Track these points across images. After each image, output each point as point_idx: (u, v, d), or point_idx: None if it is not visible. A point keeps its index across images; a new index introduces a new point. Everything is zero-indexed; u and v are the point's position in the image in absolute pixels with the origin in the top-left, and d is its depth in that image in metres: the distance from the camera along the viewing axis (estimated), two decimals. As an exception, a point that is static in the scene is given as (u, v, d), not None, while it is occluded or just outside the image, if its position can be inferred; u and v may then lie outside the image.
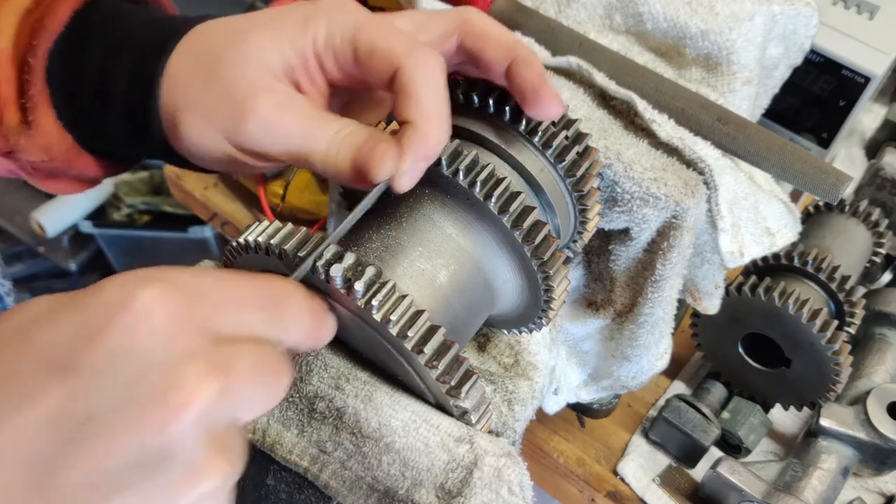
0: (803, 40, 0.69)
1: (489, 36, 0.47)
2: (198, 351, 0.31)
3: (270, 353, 0.34)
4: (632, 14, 0.65)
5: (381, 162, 0.41)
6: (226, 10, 0.50)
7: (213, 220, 1.08)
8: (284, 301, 0.37)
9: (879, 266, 0.89)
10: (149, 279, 0.32)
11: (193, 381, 0.30)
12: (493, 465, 0.43)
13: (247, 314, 0.35)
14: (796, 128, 0.92)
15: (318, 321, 0.39)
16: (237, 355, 0.33)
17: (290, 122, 0.44)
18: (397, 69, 0.42)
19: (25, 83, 0.47)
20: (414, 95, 0.42)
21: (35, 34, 0.47)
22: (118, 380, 0.30)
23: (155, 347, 0.30)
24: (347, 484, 0.44)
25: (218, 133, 0.44)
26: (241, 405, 0.32)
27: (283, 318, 0.36)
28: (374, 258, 0.45)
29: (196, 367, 0.31)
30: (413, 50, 0.42)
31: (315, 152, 0.43)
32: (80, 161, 0.50)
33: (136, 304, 0.31)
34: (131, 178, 1.82)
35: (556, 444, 0.82)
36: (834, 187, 0.56)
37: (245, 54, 0.44)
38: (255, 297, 0.35)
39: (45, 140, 0.48)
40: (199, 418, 0.30)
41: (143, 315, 0.31)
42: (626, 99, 0.59)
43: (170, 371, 0.30)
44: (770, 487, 0.73)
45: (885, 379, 0.80)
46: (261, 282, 0.36)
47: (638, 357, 0.66)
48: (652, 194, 0.56)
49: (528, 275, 0.48)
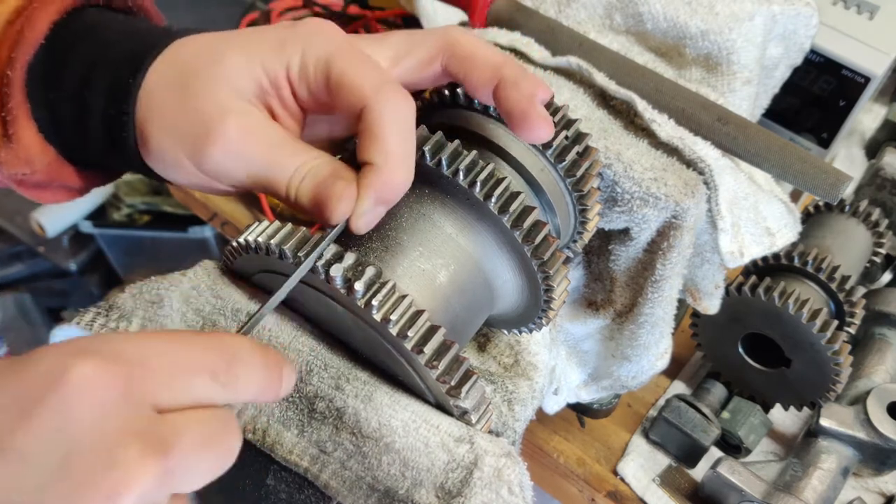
0: (803, 40, 0.69)
1: (474, 58, 0.45)
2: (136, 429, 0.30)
3: (218, 419, 0.33)
4: (632, 14, 0.65)
5: (339, 202, 0.40)
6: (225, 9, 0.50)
7: (213, 220, 1.08)
8: (235, 361, 0.34)
9: (879, 266, 0.89)
10: (86, 351, 0.30)
11: (129, 464, 0.29)
12: (493, 465, 0.43)
13: (194, 381, 0.33)
14: (796, 128, 0.92)
15: (273, 375, 0.36)
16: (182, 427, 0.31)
17: (255, 148, 0.42)
18: (364, 108, 0.41)
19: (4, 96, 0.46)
20: (378, 136, 0.40)
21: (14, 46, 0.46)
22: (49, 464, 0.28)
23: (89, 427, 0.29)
24: (347, 484, 0.44)
25: (181, 152, 0.43)
26: (184, 480, 0.31)
27: (233, 381, 0.34)
28: (374, 258, 0.45)
29: (133, 447, 0.29)
30: (382, 88, 0.41)
31: (278, 181, 0.42)
32: (62, 173, 0.50)
33: (70, 381, 0.29)
34: (131, 178, 1.81)
35: (556, 444, 0.82)
36: (834, 187, 0.56)
37: (218, 75, 0.43)
38: (203, 361, 0.33)
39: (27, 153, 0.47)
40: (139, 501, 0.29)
41: (77, 391, 0.29)
42: (626, 99, 0.59)
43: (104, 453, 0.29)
44: (770, 487, 0.73)
45: (885, 379, 0.80)
46: (210, 342, 0.34)
47: (638, 357, 0.66)
48: (652, 194, 0.56)
49: (528, 275, 0.48)
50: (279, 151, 0.43)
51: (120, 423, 0.29)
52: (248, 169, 0.43)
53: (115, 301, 0.47)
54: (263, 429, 0.45)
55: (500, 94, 0.45)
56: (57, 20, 0.47)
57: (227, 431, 0.33)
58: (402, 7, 1.04)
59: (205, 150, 0.43)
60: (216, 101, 0.43)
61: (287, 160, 0.43)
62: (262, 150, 0.43)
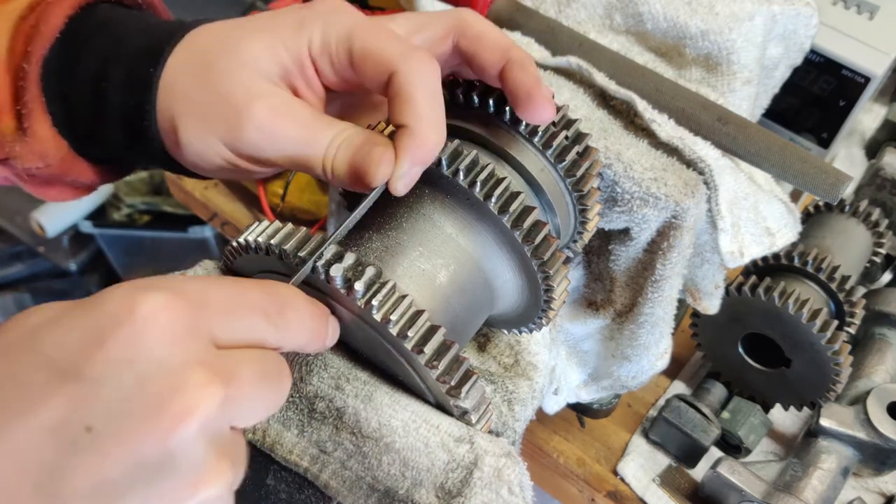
0: (803, 40, 0.69)
1: (484, 38, 0.47)
2: (200, 359, 0.31)
3: (273, 359, 0.35)
4: (632, 14, 0.65)
5: (378, 166, 0.41)
6: (225, 9, 0.50)
7: (213, 220, 1.08)
8: (286, 306, 0.37)
9: (879, 266, 0.89)
10: (152, 287, 0.32)
11: (195, 390, 0.30)
12: (493, 465, 0.43)
13: (250, 320, 0.35)
14: (796, 128, 0.92)
15: (320, 325, 0.39)
16: (240, 362, 0.33)
17: (288, 127, 0.43)
18: (392, 73, 0.42)
19: (20, 90, 0.46)
20: (409, 100, 0.42)
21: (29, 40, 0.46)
22: (121, 388, 0.30)
23: (158, 356, 0.31)
24: (347, 484, 0.44)
25: (216, 140, 0.44)
26: (243, 412, 0.33)
27: (285, 324, 0.36)
28: (374, 258, 0.45)
29: (198, 375, 0.31)
30: (408, 54, 0.42)
31: (314, 157, 0.43)
32: (76, 168, 0.50)
33: (140, 313, 0.31)
34: (131, 178, 1.82)
35: (556, 444, 0.82)
36: (834, 187, 0.56)
37: (240, 60, 0.44)
38: (257, 303, 0.35)
39: (41, 147, 0.48)
40: (202, 427, 0.30)
41: (147, 324, 0.31)
42: (626, 99, 0.59)
43: (172, 380, 0.30)
44: (770, 487, 0.73)
45: (885, 379, 0.80)
46: (263, 287, 0.36)
47: (638, 357, 0.66)
48: (652, 194, 0.56)
49: (528, 275, 0.48)
50: (311, 128, 0.44)
51: (186, 354, 0.31)
52: (283, 148, 0.44)
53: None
54: (263, 429, 0.45)
55: (508, 74, 0.46)
56: (71, 14, 0.47)
57: (280, 370, 0.35)
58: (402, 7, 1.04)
59: (239, 134, 0.43)
60: (242, 85, 0.44)
61: (319, 135, 0.43)
62: (295, 129, 0.43)
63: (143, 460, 0.29)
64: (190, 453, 0.30)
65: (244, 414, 0.33)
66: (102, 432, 0.29)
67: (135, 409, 0.30)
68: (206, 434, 0.31)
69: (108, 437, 0.29)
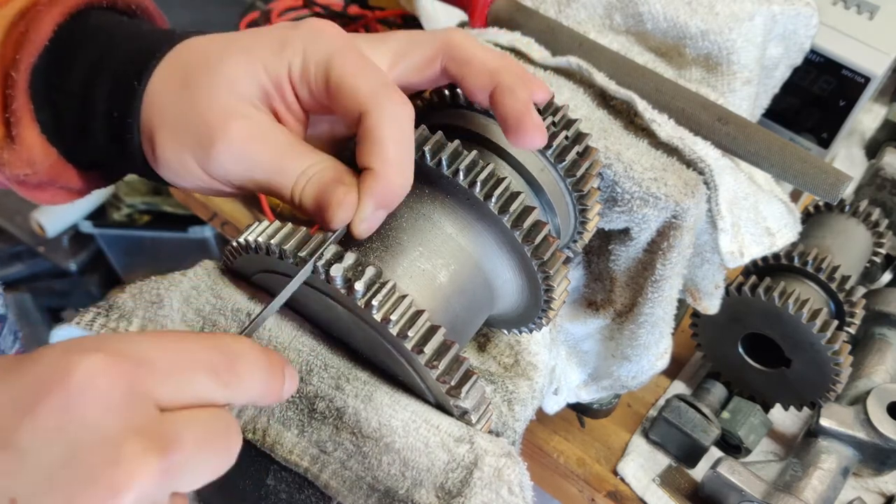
0: (803, 40, 0.69)
1: (472, 61, 0.45)
2: (138, 427, 0.30)
3: (220, 418, 0.33)
4: (632, 14, 0.65)
5: (337, 208, 0.41)
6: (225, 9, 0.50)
7: (213, 220, 1.08)
8: (237, 360, 0.34)
9: (879, 266, 0.89)
10: (90, 349, 0.30)
11: (130, 461, 0.29)
12: (493, 465, 0.43)
13: (196, 380, 0.33)
14: (796, 128, 0.92)
15: (275, 378, 0.36)
16: (183, 426, 0.31)
17: (261, 152, 0.43)
18: (363, 113, 0.41)
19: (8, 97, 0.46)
20: (377, 142, 0.41)
21: (18, 48, 0.46)
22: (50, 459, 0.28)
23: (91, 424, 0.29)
24: (347, 484, 0.44)
25: (189, 156, 0.44)
26: (185, 477, 0.31)
27: (236, 380, 0.34)
28: (374, 258, 0.45)
29: (134, 445, 0.29)
30: (381, 95, 0.41)
31: (283, 185, 0.43)
32: (65, 174, 0.50)
33: (75, 377, 0.29)
34: (131, 178, 1.81)
35: (556, 444, 0.82)
36: (834, 187, 0.56)
37: (219, 78, 0.43)
38: (204, 360, 0.33)
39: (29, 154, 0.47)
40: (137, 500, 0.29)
41: (81, 390, 0.29)
42: (626, 99, 0.59)
43: (107, 450, 0.29)
44: (770, 487, 0.73)
45: (885, 379, 0.80)
46: (211, 342, 0.34)
47: (638, 357, 0.66)
48: (652, 194, 0.56)
49: (528, 275, 0.48)
50: (283, 156, 0.43)
51: (123, 420, 0.29)
52: (253, 172, 0.43)
53: (115, 301, 0.47)
54: (263, 429, 0.45)
55: (496, 99, 0.45)
56: (61, 22, 0.47)
57: (227, 431, 0.33)
58: (403, 7, 1.04)
59: (210, 154, 0.43)
60: (220, 104, 0.43)
61: (291, 164, 0.43)
62: (267, 155, 0.43)
63: None
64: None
65: (186, 480, 0.31)
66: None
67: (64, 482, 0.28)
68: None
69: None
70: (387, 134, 0.41)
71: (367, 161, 0.41)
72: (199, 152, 0.43)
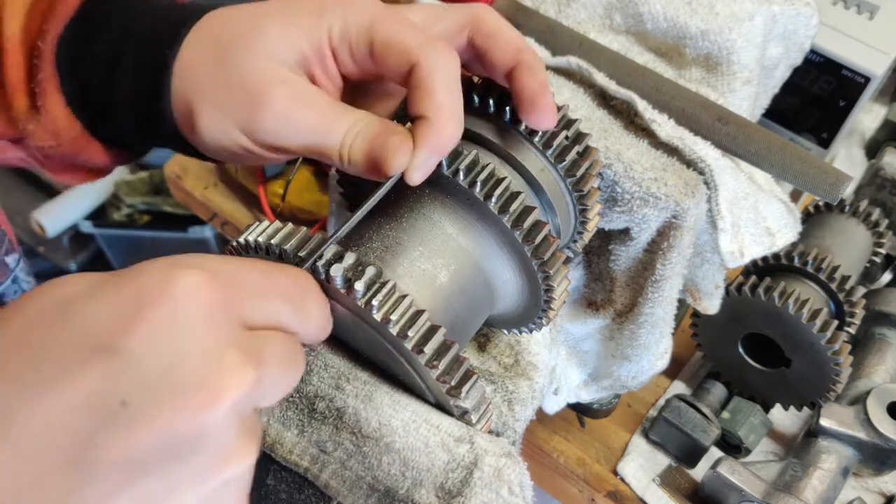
0: (803, 40, 0.69)
1: (498, 35, 0.47)
2: (234, 339, 0.32)
3: (293, 343, 0.36)
4: (632, 14, 0.65)
5: (395, 155, 0.41)
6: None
7: (213, 220, 1.08)
8: (306, 293, 0.38)
9: (879, 266, 0.89)
10: (189, 266, 0.32)
11: (229, 370, 0.31)
12: (493, 465, 0.43)
13: (277, 304, 0.35)
14: (796, 128, 0.92)
15: (328, 316, 0.40)
16: (268, 345, 0.33)
17: (306, 115, 0.43)
18: (413, 65, 0.42)
19: (34, 68, 0.46)
20: (430, 91, 0.42)
21: (45, 19, 0.46)
22: (157, 364, 0.30)
23: (194, 334, 0.31)
24: (347, 484, 0.44)
25: (233, 126, 0.44)
26: (268, 393, 0.33)
27: (305, 311, 0.37)
28: (375, 258, 0.45)
29: (233, 356, 0.31)
30: (429, 45, 0.43)
31: (330, 145, 0.44)
32: (88, 148, 0.50)
33: (177, 290, 0.31)
34: (131, 178, 1.82)
35: (556, 444, 0.82)
36: (834, 187, 0.56)
37: (259, 45, 0.44)
38: (284, 288, 0.36)
39: (54, 125, 0.48)
40: (233, 407, 0.30)
41: (184, 301, 0.31)
42: (626, 99, 0.59)
43: (207, 359, 0.30)
44: (770, 487, 0.73)
45: (885, 379, 0.80)
46: (289, 273, 0.37)
47: (638, 357, 0.66)
48: (652, 194, 0.56)
49: (528, 275, 0.48)
50: (329, 116, 0.44)
51: (220, 334, 0.31)
52: (300, 135, 0.44)
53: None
54: (263, 429, 0.45)
55: (516, 75, 0.46)
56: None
57: (298, 353, 0.36)
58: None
59: (256, 120, 0.43)
60: (260, 70, 0.44)
61: (337, 123, 0.43)
62: (313, 117, 0.43)
63: (175, 437, 0.29)
64: (220, 432, 0.30)
65: (268, 396, 0.33)
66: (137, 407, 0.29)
67: (170, 385, 0.30)
68: (235, 414, 0.31)
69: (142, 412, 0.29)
70: (438, 83, 0.42)
71: (420, 109, 0.42)
72: (244, 120, 0.44)
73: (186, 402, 0.30)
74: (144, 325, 0.30)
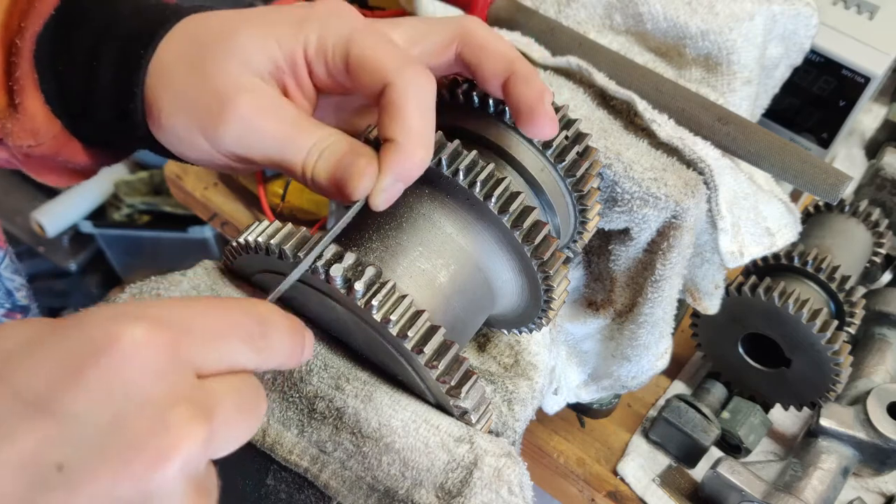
0: (803, 40, 0.69)
1: (488, 48, 0.46)
2: (183, 394, 0.30)
3: (251, 385, 0.33)
4: (632, 14, 0.65)
5: (360, 178, 0.40)
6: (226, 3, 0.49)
7: (213, 220, 1.08)
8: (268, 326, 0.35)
9: (879, 266, 0.89)
10: (134, 316, 0.30)
11: (178, 428, 0.29)
12: (493, 465, 0.43)
13: (232, 346, 0.33)
14: (796, 128, 0.92)
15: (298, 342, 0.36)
16: (221, 393, 0.31)
17: (270, 126, 0.42)
18: (386, 85, 0.41)
19: (12, 65, 0.46)
20: (400, 113, 0.41)
21: (24, 16, 0.46)
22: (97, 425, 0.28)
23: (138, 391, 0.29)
24: (347, 484, 0.44)
25: (196, 129, 0.43)
26: (222, 444, 0.31)
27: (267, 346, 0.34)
28: (374, 258, 0.45)
29: (180, 411, 0.29)
30: (404, 66, 0.41)
31: (294, 160, 0.42)
32: (68, 147, 0.49)
33: (122, 343, 0.29)
34: (131, 178, 1.82)
35: (556, 444, 0.82)
36: (834, 187, 0.56)
37: (232, 51, 0.43)
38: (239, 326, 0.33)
39: (32, 124, 0.47)
40: (183, 466, 0.29)
41: (127, 356, 0.29)
42: (626, 99, 0.59)
43: (154, 416, 0.29)
44: (770, 487, 0.73)
45: (885, 379, 0.80)
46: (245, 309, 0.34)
47: (638, 357, 0.66)
48: (652, 194, 0.56)
49: (528, 275, 0.48)
50: (294, 130, 0.43)
51: (168, 388, 0.29)
52: (262, 147, 0.43)
53: (115, 301, 0.47)
54: (263, 429, 0.45)
55: (511, 88, 0.45)
56: None
57: (258, 397, 0.33)
58: (403, 7, 1.04)
59: (218, 126, 0.43)
60: (230, 77, 0.43)
61: (302, 138, 0.42)
62: (277, 128, 0.42)
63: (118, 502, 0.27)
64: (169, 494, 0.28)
65: (223, 447, 0.31)
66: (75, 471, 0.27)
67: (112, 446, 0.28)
68: (186, 473, 0.29)
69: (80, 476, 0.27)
70: (411, 105, 0.41)
71: (389, 132, 0.41)
72: (206, 124, 0.43)
73: (129, 464, 0.28)
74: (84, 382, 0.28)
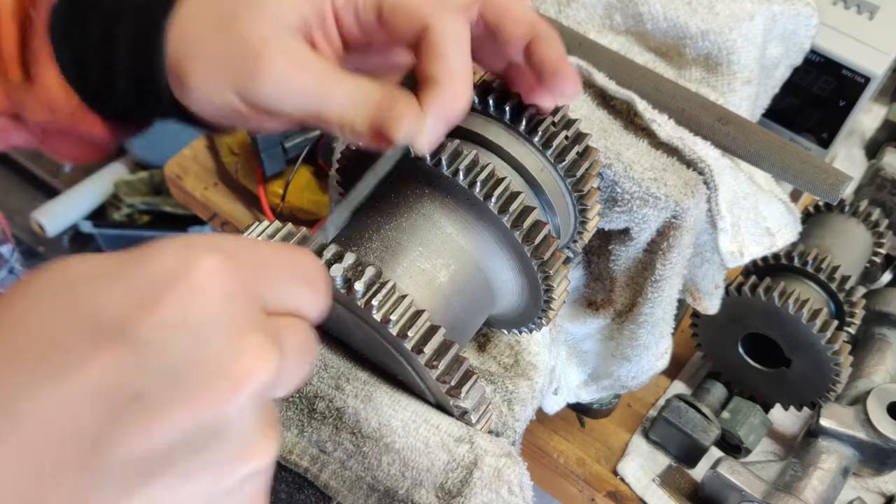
0: (803, 40, 0.69)
1: (511, 10, 0.46)
2: (257, 323, 0.30)
3: (309, 331, 0.34)
4: (632, 14, 0.65)
5: (402, 120, 0.40)
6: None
7: (213, 220, 1.08)
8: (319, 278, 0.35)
9: (879, 266, 0.89)
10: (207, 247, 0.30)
11: (254, 355, 0.29)
12: (493, 465, 0.43)
13: (298, 289, 0.33)
14: (796, 128, 0.92)
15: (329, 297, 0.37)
16: (286, 330, 0.31)
17: (305, 79, 0.42)
18: (424, 28, 0.41)
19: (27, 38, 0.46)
20: (441, 53, 0.41)
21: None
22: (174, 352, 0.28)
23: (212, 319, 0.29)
24: (347, 484, 0.44)
25: (227, 86, 0.43)
26: (286, 381, 0.31)
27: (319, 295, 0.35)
28: (374, 258, 0.45)
29: (256, 339, 0.29)
30: (442, 10, 0.42)
31: (330, 110, 0.42)
32: (86, 120, 0.49)
33: (195, 274, 0.29)
34: (131, 178, 1.82)
35: (556, 444, 0.82)
36: (834, 187, 0.56)
37: (260, 8, 0.43)
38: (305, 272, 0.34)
39: (49, 97, 0.47)
40: (256, 394, 0.29)
41: (202, 285, 0.29)
42: (626, 99, 0.59)
43: (229, 342, 0.29)
44: (770, 487, 0.73)
45: (885, 379, 0.80)
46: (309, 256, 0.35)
47: (638, 357, 0.66)
48: (652, 194, 0.56)
49: (528, 275, 0.48)
50: (329, 80, 0.43)
51: (242, 317, 0.29)
52: (298, 100, 0.43)
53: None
54: (263, 429, 0.45)
55: (534, 48, 0.45)
56: None
57: (314, 342, 0.33)
58: None
59: (252, 83, 0.42)
60: (261, 33, 0.43)
61: (338, 88, 0.42)
62: (312, 80, 0.42)
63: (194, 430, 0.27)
64: (242, 424, 0.28)
65: (285, 385, 0.31)
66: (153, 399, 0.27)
67: (189, 374, 0.27)
68: (257, 404, 0.29)
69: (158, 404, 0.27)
70: (451, 46, 0.41)
71: (431, 71, 0.41)
72: (240, 82, 0.43)
73: (207, 391, 0.27)
74: (160, 311, 0.28)
